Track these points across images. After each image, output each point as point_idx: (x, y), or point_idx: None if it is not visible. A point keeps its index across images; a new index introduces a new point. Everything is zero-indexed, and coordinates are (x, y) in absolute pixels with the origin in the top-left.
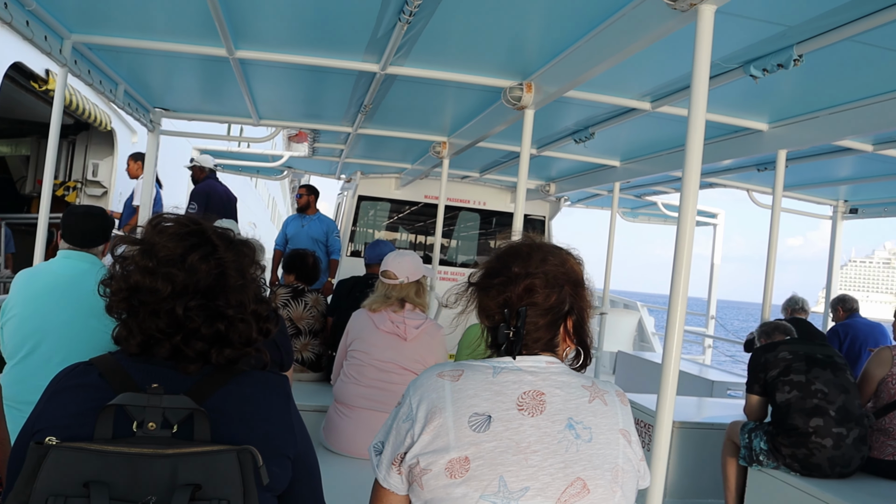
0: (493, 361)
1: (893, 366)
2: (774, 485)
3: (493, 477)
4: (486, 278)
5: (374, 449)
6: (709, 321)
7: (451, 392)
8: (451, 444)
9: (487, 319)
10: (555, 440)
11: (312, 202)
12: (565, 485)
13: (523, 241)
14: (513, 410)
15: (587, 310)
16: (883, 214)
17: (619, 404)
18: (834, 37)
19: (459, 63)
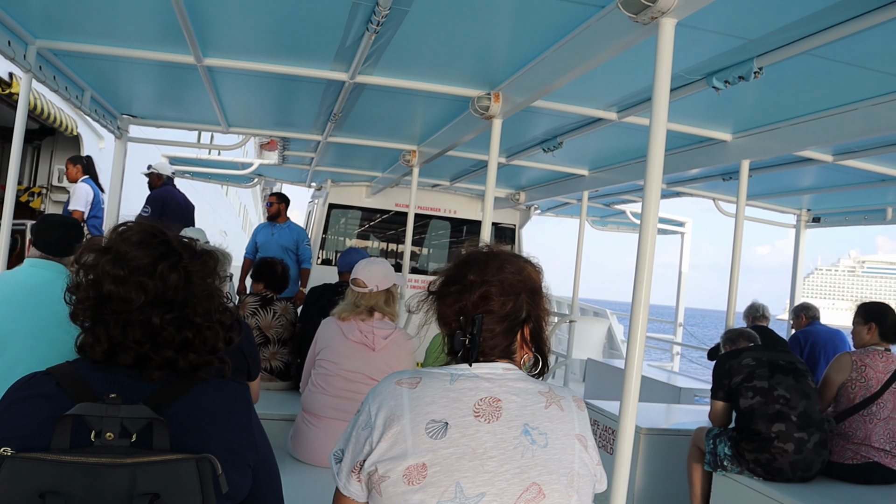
0: (450, 369)
1: (853, 371)
2: (738, 490)
3: (449, 483)
4: (444, 286)
5: (334, 457)
6: (677, 328)
7: (409, 400)
8: (408, 451)
9: (445, 327)
10: (511, 446)
11: (283, 210)
12: (521, 490)
13: (481, 249)
14: (469, 417)
15: (544, 317)
16: (844, 223)
17: (575, 410)
18: (792, 50)
19: (428, 72)
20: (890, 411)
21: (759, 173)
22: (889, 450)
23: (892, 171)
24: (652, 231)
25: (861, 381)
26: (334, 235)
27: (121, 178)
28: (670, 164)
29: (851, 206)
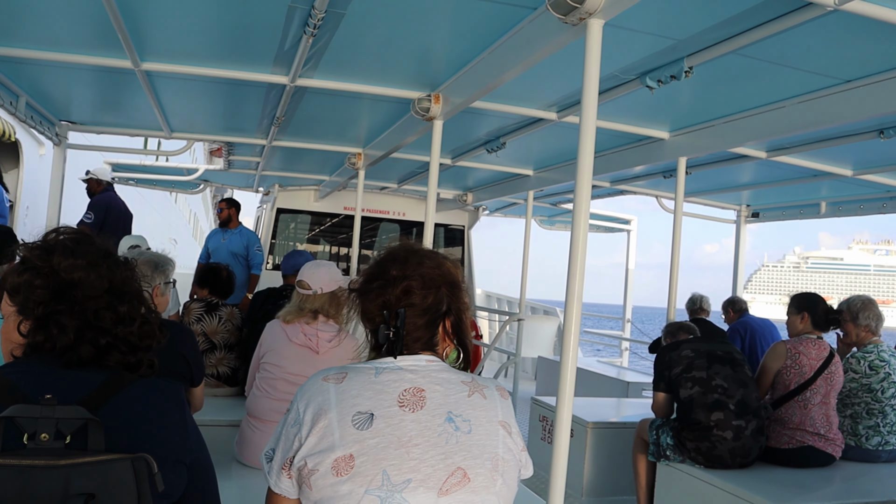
0: (375, 362)
1: (788, 359)
2: (681, 478)
3: (376, 472)
4: (366, 283)
5: (265, 456)
6: (625, 325)
7: (336, 394)
8: (336, 444)
9: (369, 322)
10: (435, 433)
11: (234, 216)
12: (446, 474)
13: (401, 245)
14: (394, 407)
15: (465, 310)
16: (782, 217)
17: (498, 398)
18: (720, 50)
19: (369, 75)
20: (823, 397)
21: (698, 170)
22: (823, 433)
23: (824, 166)
24: (583, 229)
25: (795, 369)
26: (283, 240)
27: (60, 186)
28: (611, 163)
29: (788, 201)
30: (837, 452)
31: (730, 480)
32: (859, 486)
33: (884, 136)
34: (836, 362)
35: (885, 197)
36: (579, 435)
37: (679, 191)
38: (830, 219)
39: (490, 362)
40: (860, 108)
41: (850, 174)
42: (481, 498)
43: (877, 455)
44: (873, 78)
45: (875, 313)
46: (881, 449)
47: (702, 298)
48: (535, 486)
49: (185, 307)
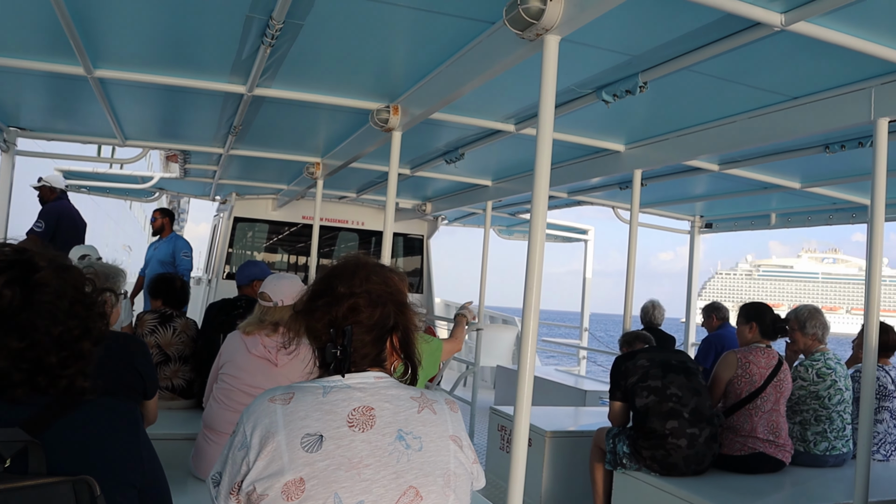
0: (322, 381)
1: (738, 368)
2: (637, 486)
3: (328, 495)
4: (311, 301)
5: (212, 480)
6: (583, 333)
7: (283, 415)
8: (285, 467)
9: (315, 341)
10: (386, 452)
11: (167, 225)
12: (398, 494)
13: (347, 260)
14: (343, 428)
15: (412, 325)
16: (734, 228)
17: (448, 412)
18: (673, 66)
19: (328, 85)
20: (773, 404)
21: (653, 182)
22: (773, 440)
23: (773, 179)
24: (540, 239)
25: (746, 378)
26: (241, 249)
27: (8, 194)
28: (569, 174)
29: (739, 212)
30: (787, 458)
31: (684, 487)
32: (808, 490)
33: (829, 151)
34: (785, 370)
35: (831, 209)
36: (537, 444)
37: (635, 202)
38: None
39: (449, 371)
40: (807, 123)
41: (798, 187)
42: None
43: (824, 460)
44: (819, 95)
45: (821, 322)
46: (828, 454)
47: (655, 308)
48: (493, 496)
49: (138, 318)
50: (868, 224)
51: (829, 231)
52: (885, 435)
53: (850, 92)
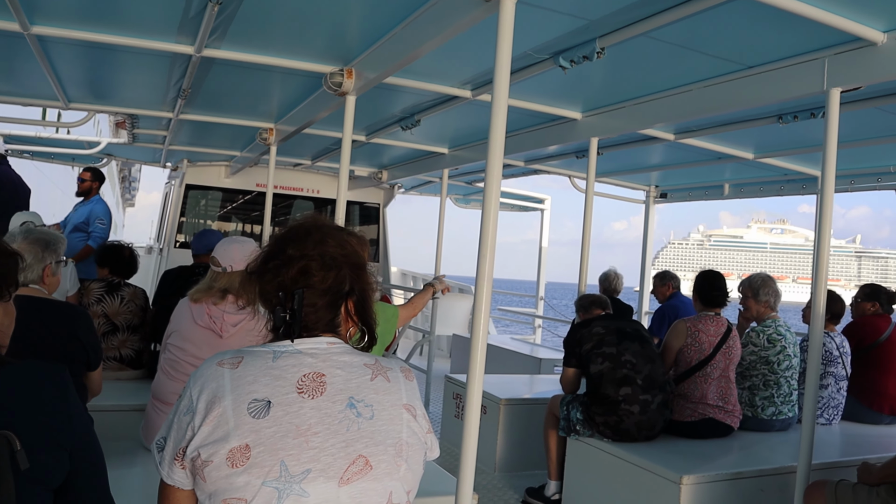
0: (273, 346)
1: (688, 336)
2: (590, 451)
3: (274, 462)
4: (262, 264)
5: (156, 445)
6: (538, 302)
7: (231, 380)
8: (231, 433)
9: (266, 304)
10: (336, 420)
11: (96, 188)
12: (347, 463)
13: (303, 222)
14: (292, 394)
15: (369, 290)
16: (688, 198)
17: (403, 380)
18: (631, 32)
19: (280, 48)
20: (721, 371)
21: (609, 151)
22: (722, 406)
23: (727, 149)
24: (494, 208)
25: (696, 346)
26: (194, 218)
27: None
28: (525, 142)
29: (694, 182)
30: (736, 423)
31: (635, 452)
32: (755, 454)
33: (782, 122)
34: (734, 337)
35: (782, 179)
36: (492, 412)
37: (591, 171)
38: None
39: (405, 340)
40: (761, 93)
41: (751, 157)
42: (384, 485)
43: (771, 424)
44: (773, 65)
45: (774, 290)
46: (775, 419)
47: (617, 277)
48: (448, 463)
49: (84, 287)
50: (818, 195)
51: (777, 202)
52: (828, 399)
53: (803, 62)
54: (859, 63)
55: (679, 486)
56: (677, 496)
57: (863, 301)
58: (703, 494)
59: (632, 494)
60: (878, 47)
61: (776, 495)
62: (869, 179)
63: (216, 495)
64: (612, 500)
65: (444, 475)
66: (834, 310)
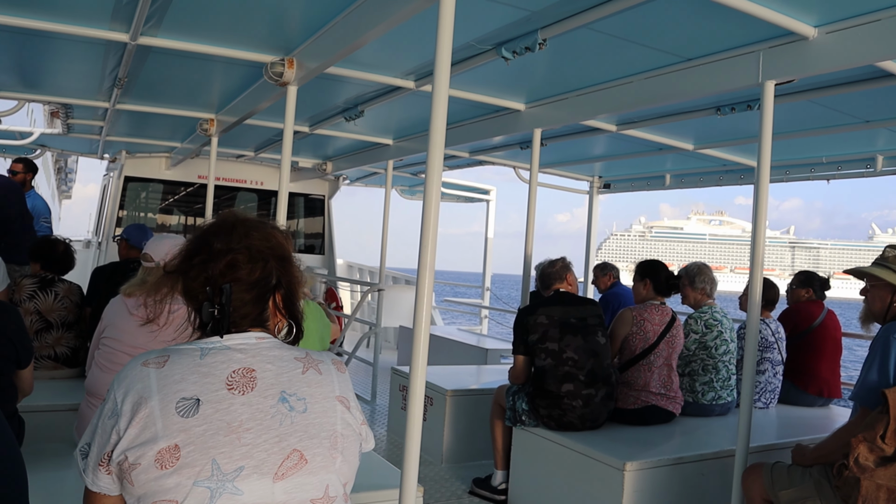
0: (200, 343)
1: (634, 325)
2: (535, 441)
3: (205, 461)
4: (186, 261)
5: (80, 452)
6: (484, 293)
7: (157, 379)
8: (158, 434)
9: (192, 301)
10: (268, 415)
11: (29, 180)
12: (281, 458)
13: (226, 216)
14: (222, 391)
15: (296, 283)
16: (631, 189)
17: (335, 372)
18: (572, 23)
19: (219, 36)
20: (665, 359)
21: (553, 142)
22: (664, 393)
23: (668, 140)
24: (435, 198)
25: (640, 334)
26: (134, 211)
27: None
28: (469, 133)
29: (636, 172)
30: (678, 409)
31: (580, 441)
32: (696, 439)
33: (720, 113)
34: (678, 326)
35: (721, 170)
36: (438, 403)
37: (534, 161)
38: (671, 190)
39: (352, 332)
40: (699, 85)
41: (691, 148)
42: (319, 478)
43: (711, 409)
44: (711, 57)
45: (710, 278)
46: (715, 403)
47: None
48: (395, 455)
49: (15, 283)
50: (755, 185)
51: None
52: (765, 384)
53: (740, 55)
54: (793, 57)
55: (623, 473)
56: (621, 482)
57: (797, 288)
58: (646, 480)
59: (577, 482)
60: (810, 41)
61: (716, 479)
62: (803, 170)
63: (145, 498)
64: (557, 488)
65: (390, 468)
66: (769, 297)
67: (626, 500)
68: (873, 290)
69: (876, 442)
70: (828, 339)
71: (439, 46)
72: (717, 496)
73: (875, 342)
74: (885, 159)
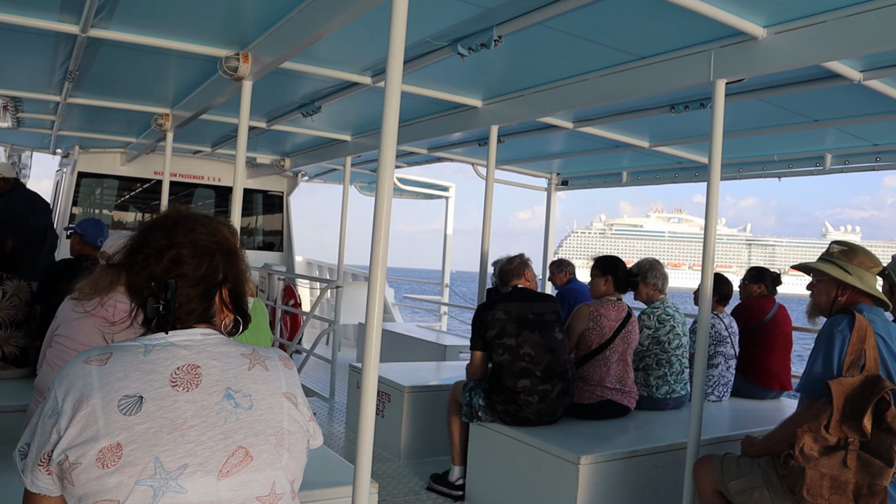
0: (144, 339)
1: (590, 320)
2: (491, 436)
3: (148, 459)
4: (130, 256)
5: (18, 453)
6: (444, 290)
7: (99, 377)
8: (100, 433)
9: (137, 297)
10: (213, 412)
11: None
12: (226, 455)
13: (170, 212)
14: (166, 388)
15: (242, 277)
16: (588, 186)
17: (282, 369)
18: (527, 20)
19: (173, 30)
20: (620, 354)
21: (511, 139)
22: (619, 388)
23: (624, 137)
24: (388, 194)
25: (597, 330)
26: (88, 207)
27: None
28: (427, 129)
29: (594, 169)
30: (632, 404)
31: (536, 436)
32: (650, 432)
33: (674, 111)
34: (633, 322)
35: (676, 168)
36: (396, 400)
37: (491, 158)
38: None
39: (311, 330)
40: (652, 83)
41: (647, 146)
42: (265, 476)
43: (665, 403)
44: (664, 56)
45: (661, 273)
46: (669, 397)
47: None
48: (351, 452)
49: None
50: (707, 181)
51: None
52: (718, 378)
53: (692, 54)
54: (743, 56)
55: (577, 467)
56: (575, 476)
57: (750, 283)
58: (601, 473)
59: (533, 476)
60: (760, 41)
61: (669, 471)
62: (755, 168)
63: (86, 498)
64: (514, 482)
65: (346, 465)
66: (722, 292)
67: (581, 494)
68: (819, 284)
69: (820, 432)
70: (779, 333)
71: (392, 42)
72: (669, 488)
73: (820, 335)
74: (834, 158)
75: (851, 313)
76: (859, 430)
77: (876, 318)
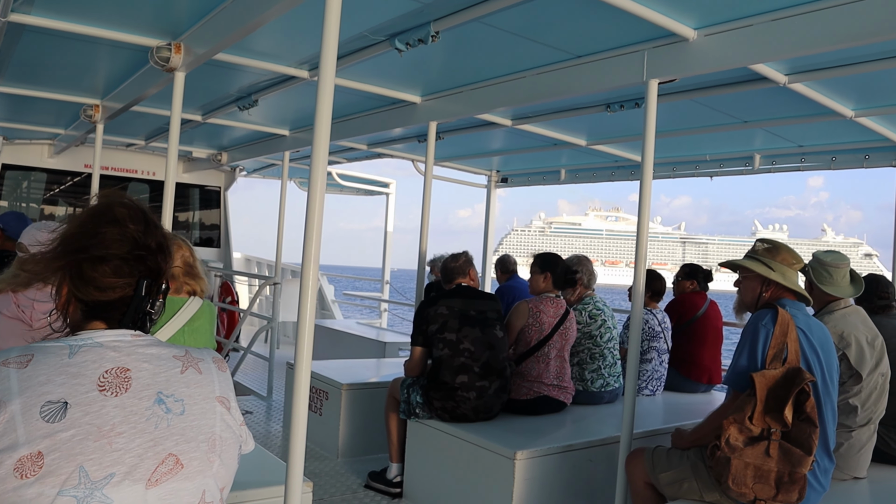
0: (69, 340)
1: (530, 317)
2: (429, 433)
3: (72, 469)
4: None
5: None
6: (384, 286)
7: (19, 381)
8: (19, 441)
9: (100, 294)
10: (142, 418)
11: None
12: (156, 463)
13: (130, 206)
14: (93, 392)
15: (169, 275)
16: (527, 183)
17: (215, 371)
18: (464, 16)
19: (101, 17)
20: (558, 351)
21: (450, 135)
22: (557, 384)
23: (562, 135)
24: (320, 189)
25: (536, 326)
26: (14, 201)
27: None
28: (366, 125)
29: (533, 167)
30: (569, 399)
31: (473, 432)
32: (585, 427)
33: (610, 110)
34: (571, 318)
35: (613, 166)
36: (334, 397)
37: (429, 154)
38: (568, 186)
39: (249, 327)
40: (588, 82)
41: (584, 144)
42: (195, 484)
43: (600, 396)
44: (599, 55)
45: (589, 270)
46: (604, 390)
47: None
48: (285, 451)
49: None
50: (640, 179)
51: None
52: (652, 372)
53: (626, 54)
54: (675, 57)
55: (513, 462)
56: (512, 471)
57: (682, 279)
58: (536, 468)
59: (470, 472)
60: (691, 43)
61: (603, 464)
62: (688, 167)
63: None
64: (451, 479)
65: (280, 464)
66: (656, 288)
67: (517, 488)
68: (745, 281)
69: (745, 423)
70: (710, 328)
71: (326, 34)
72: (603, 481)
73: (746, 329)
74: (762, 158)
75: (775, 308)
76: (781, 420)
77: (798, 312)
